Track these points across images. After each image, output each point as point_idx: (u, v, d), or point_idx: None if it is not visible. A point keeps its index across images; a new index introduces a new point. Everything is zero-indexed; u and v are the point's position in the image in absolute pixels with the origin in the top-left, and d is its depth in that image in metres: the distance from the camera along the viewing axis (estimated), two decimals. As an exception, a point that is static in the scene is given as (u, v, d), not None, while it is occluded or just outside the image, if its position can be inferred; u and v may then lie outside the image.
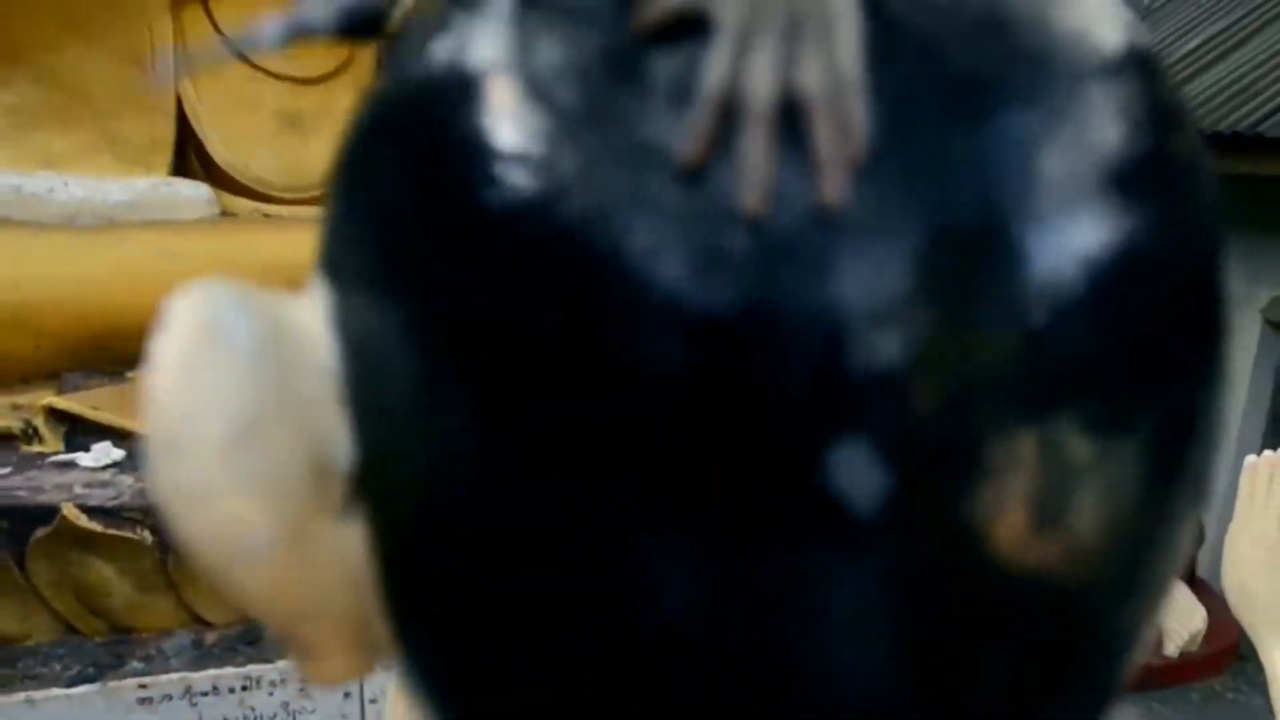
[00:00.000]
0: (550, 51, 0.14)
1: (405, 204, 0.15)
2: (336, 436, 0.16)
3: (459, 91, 0.15)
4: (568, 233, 0.13)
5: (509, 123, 0.14)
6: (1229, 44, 3.79)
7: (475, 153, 0.14)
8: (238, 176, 2.07)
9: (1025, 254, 0.13)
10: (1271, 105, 3.11)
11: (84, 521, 1.36)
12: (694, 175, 0.13)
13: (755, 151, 0.13)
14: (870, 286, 0.13)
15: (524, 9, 0.15)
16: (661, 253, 0.13)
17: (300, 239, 1.13)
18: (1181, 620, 2.28)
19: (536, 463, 0.14)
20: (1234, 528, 1.03)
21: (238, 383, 0.15)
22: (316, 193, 2.17)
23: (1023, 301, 0.13)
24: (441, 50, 0.16)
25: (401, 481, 0.16)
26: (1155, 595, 0.17)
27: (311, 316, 0.17)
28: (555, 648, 0.15)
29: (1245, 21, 3.88)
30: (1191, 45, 3.95)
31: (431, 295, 0.14)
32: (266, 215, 2.04)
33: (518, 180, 0.14)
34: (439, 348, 0.14)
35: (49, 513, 1.37)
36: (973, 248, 0.13)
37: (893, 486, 0.13)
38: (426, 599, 0.16)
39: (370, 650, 0.18)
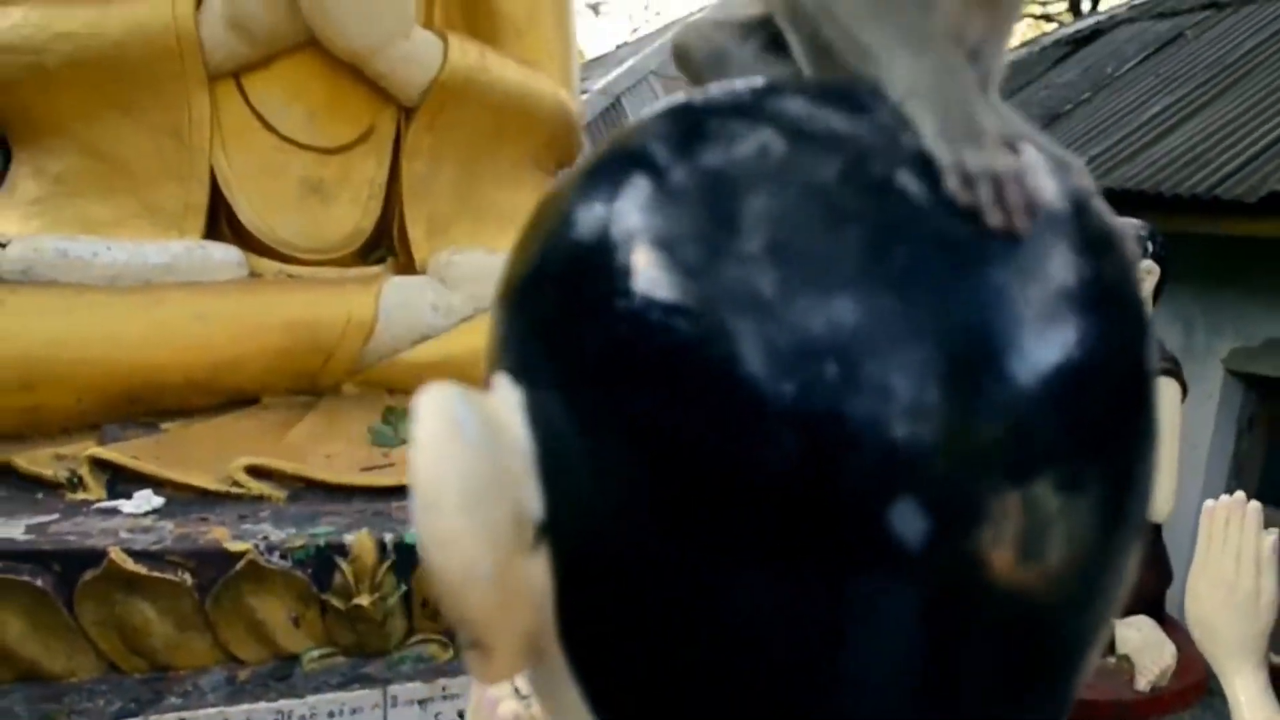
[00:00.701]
0: (682, 221, 0.20)
1: (584, 339, 0.21)
2: (531, 496, 0.22)
3: (611, 252, 0.21)
4: (713, 366, 0.19)
5: (656, 278, 0.20)
6: (1185, 112, 3.93)
7: (635, 302, 0.20)
8: (264, 239, 2.15)
9: (1010, 369, 0.19)
10: (1225, 170, 3.24)
11: (130, 565, 1.43)
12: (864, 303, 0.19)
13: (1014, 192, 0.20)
14: (913, 395, 0.18)
15: (660, 182, 0.21)
16: (780, 379, 0.18)
17: (321, 298, 1.23)
18: (1152, 656, 2.31)
19: (684, 523, 0.20)
20: (1195, 568, 1.10)
21: (470, 462, 0.21)
22: (337, 254, 2.26)
23: (1010, 401, 0.19)
24: (599, 208, 0.22)
25: (577, 531, 0.21)
26: (1106, 610, 0.23)
27: (504, 407, 0.23)
28: (681, 661, 0.21)
29: (1198, 93, 4.03)
30: (1151, 112, 4.09)
31: (603, 402, 0.20)
32: (291, 275, 2.11)
33: (669, 324, 0.19)
34: (610, 441, 0.20)
35: (97, 556, 1.43)
36: (976, 366, 0.19)
37: (932, 530, 0.19)
38: (591, 621, 0.22)
39: (532, 657, 0.23)
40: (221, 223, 2.14)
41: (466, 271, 2.16)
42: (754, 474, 0.19)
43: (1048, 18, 19.06)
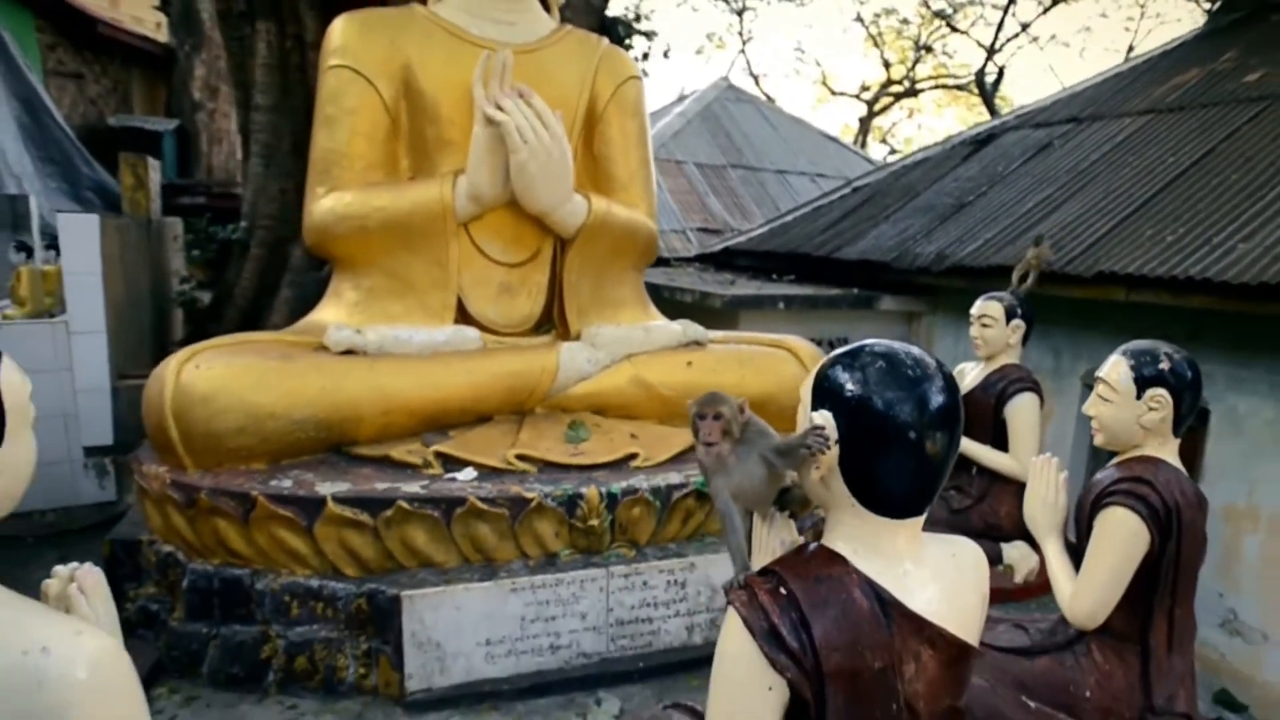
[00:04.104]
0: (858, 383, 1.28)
1: (843, 407, 1.26)
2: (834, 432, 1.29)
3: (840, 391, 1.29)
4: (879, 413, 1.17)
5: (855, 394, 1.28)
6: (1050, 207, 4.96)
7: (853, 401, 1.27)
8: (482, 322, 3.17)
9: (938, 426, 1.27)
10: (1074, 253, 4.28)
11: (480, 504, 2.47)
12: None
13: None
14: (917, 421, 1.15)
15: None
16: (899, 415, 1.27)
17: (526, 357, 2.54)
18: (1025, 564, 3.36)
19: (877, 443, 1.29)
20: (1028, 492, 2.19)
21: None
22: (521, 329, 3.25)
23: (932, 425, 1.23)
24: (833, 371, 1.29)
25: (847, 439, 1.28)
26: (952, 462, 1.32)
27: (827, 419, 1.25)
28: (876, 471, 1.28)
29: (1060, 193, 5.07)
30: (1027, 206, 5.13)
31: (859, 418, 1.24)
32: (504, 344, 3.12)
33: (866, 407, 1.25)
34: (858, 423, 1.22)
35: (461, 500, 2.47)
36: (930, 422, 1.27)
37: (924, 443, 1.18)
38: (850, 460, 1.23)
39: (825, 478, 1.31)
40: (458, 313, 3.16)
41: (605, 339, 3.19)
42: (897, 429, 1.23)
43: (960, 87, 20.47)
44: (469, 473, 2.62)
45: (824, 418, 1.26)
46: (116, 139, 9.34)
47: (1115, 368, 2.22)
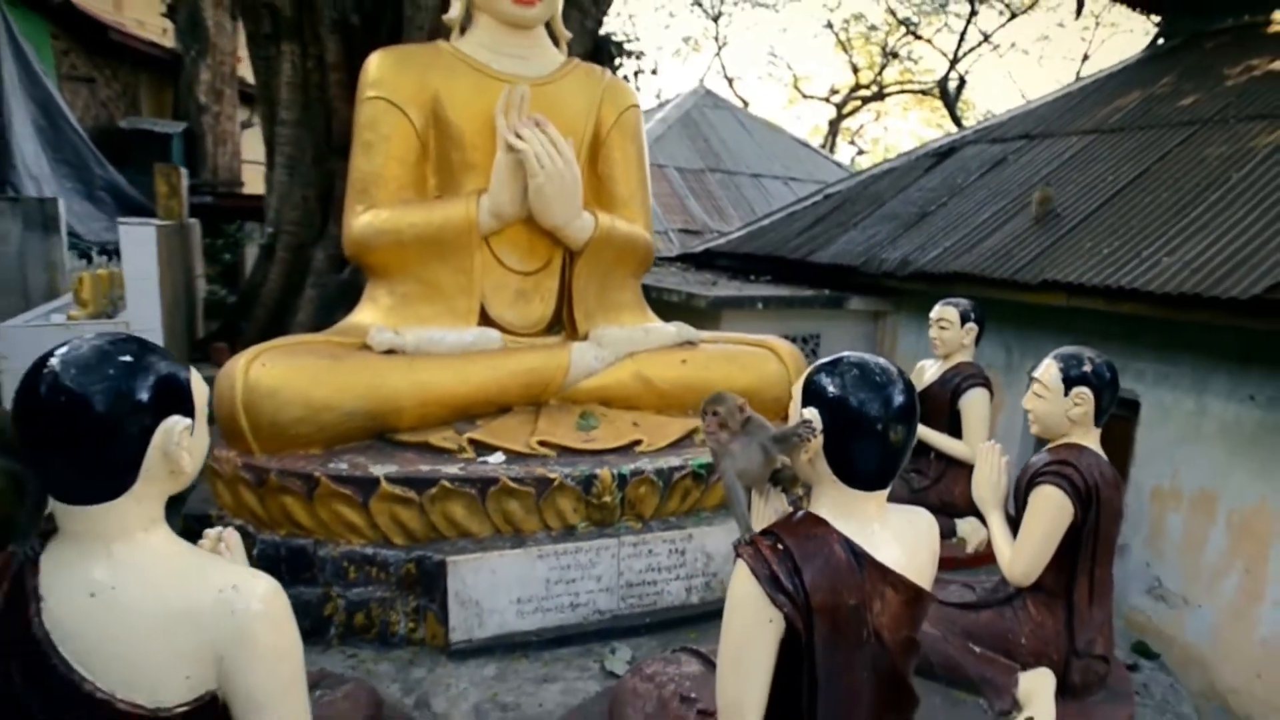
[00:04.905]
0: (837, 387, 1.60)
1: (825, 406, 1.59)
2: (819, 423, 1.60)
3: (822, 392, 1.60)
4: (854, 408, 1.51)
5: (835, 395, 1.59)
6: (1002, 219, 5.29)
7: (831, 399, 1.59)
8: (501, 324, 3.45)
9: (897, 418, 1.58)
10: (1021, 262, 4.64)
11: (510, 484, 2.77)
12: None
13: None
14: (882, 415, 1.49)
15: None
16: (869, 409, 1.59)
17: (542, 355, 2.95)
18: (977, 536, 3.68)
19: (846, 432, 1.61)
20: (977, 472, 2.52)
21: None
22: (535, 330, 3.53)
23: (894, 421, 1.56)
24: (818, 377, 1.61)
25: (831, 430, 1.60)
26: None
27: (814, 415, 1.58)
28: (850, 452, 1.60)
29: (1012, 205, 5.40)
30: (983, 217, 5.46)
31: (835, 407, 1.59)
32: (522, 344, 3.41)
33: (843, 404, 1.58)
34: (839, 415, 1.56)
35: (494, 480, 2.77)
36: (893, 417, 1.59)
37: (888, 429, 1.57)
38: (833, 445, 1.61)
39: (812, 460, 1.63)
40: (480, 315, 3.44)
41: (609, 339, 3.49)
42: (868, 422, 1.54)
43: (925, 93, 20.85)
44: (498, 456, 2.91)
45: (812, 414, 1.57)
46: (128, 140, 9.47)
47: (1047, 370, 2.57)
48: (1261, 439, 3.71)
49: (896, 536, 1.63)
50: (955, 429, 3.78)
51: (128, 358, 1.28)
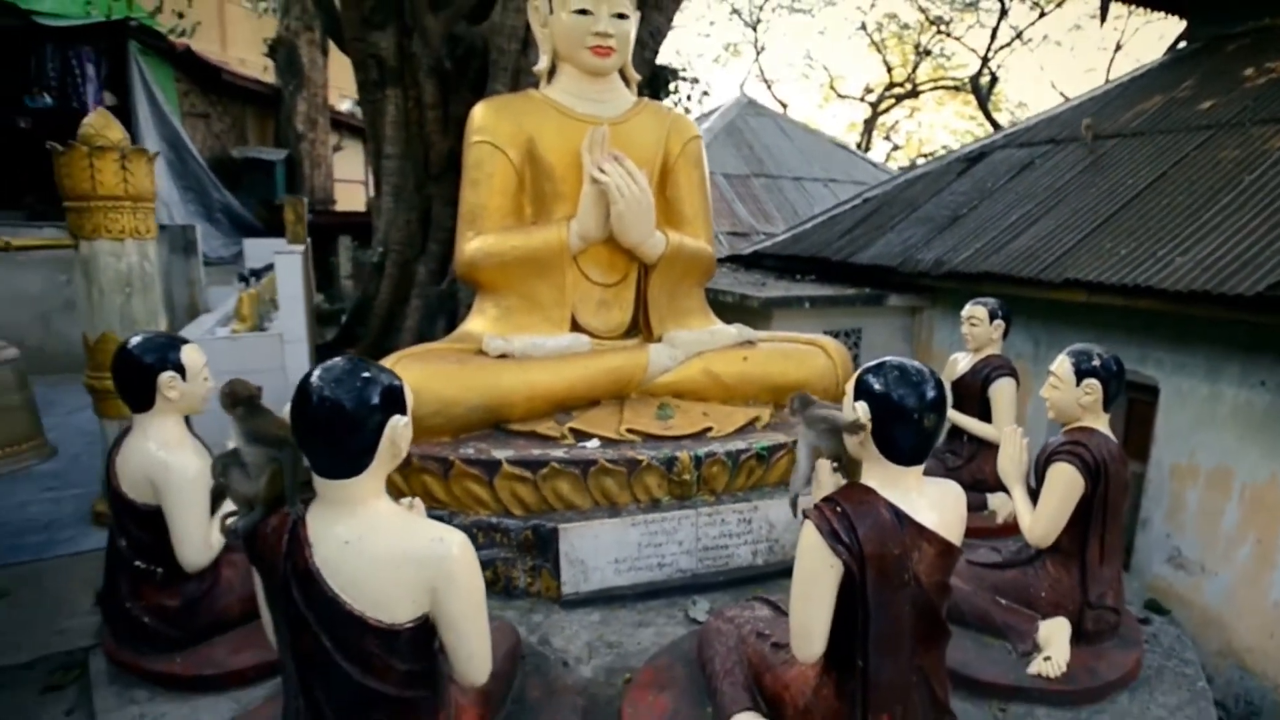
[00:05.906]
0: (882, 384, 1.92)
1: (871, 397, 1.92)
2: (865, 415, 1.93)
3: (868, 387, 1.93)
4: (895, 401, 1.89)
5: (881, 391, 1.92)
6: (1029, 221, 5.39)
7: (879, 393, 1.92)
8: (588, 330, 3.82)
9: (928, 408, 1.90)
10: (1046, 262, 4.77)
11: (607, 465, 3.14)
12: None
13: None
14: (919, 406, 1.91)
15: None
16: (905, 400, 1.92)
17: (625, 356, 3.40)
18: (1005, 509, 3.92)
19: (892, 419, 1.94)
20: (1001, 453, 2.82)
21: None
22: (616, 334, 3.88)
23: (927, 411, 1.89)
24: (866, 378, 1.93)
25: (876, 418, 1.93)
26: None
27: (860, 407, 1.89)
28: (891, 431, 1.93)
29: (1038, 208, 5.47)
30: (1011, 219, 5.57)
31: (882, 401, 1.91)
32: (607, 348, 3.77)
33: (888, 397, 1.90)
34: (884, 407, 1.91)
35: (593, 462, 3.16)
36: (927, 408, 1.91)
37: (920, 417, 1.86)
38: (879, 427, 1.94)
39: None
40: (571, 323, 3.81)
41: (680, 341, 3.83)
42: (906, 412, 1.87)
43: (958, 88, 20.60)
44: (594, 442, 3.30)
45: (862, 408, 1.91)
46: (239, 167, 10.14)
47: (1061, 364, 2.85)
48: (1272, 421, 3.85)
49: (931, 503, 1.96)
50: (986, 414, 4.04)
51: (366, 373, 1.69)
